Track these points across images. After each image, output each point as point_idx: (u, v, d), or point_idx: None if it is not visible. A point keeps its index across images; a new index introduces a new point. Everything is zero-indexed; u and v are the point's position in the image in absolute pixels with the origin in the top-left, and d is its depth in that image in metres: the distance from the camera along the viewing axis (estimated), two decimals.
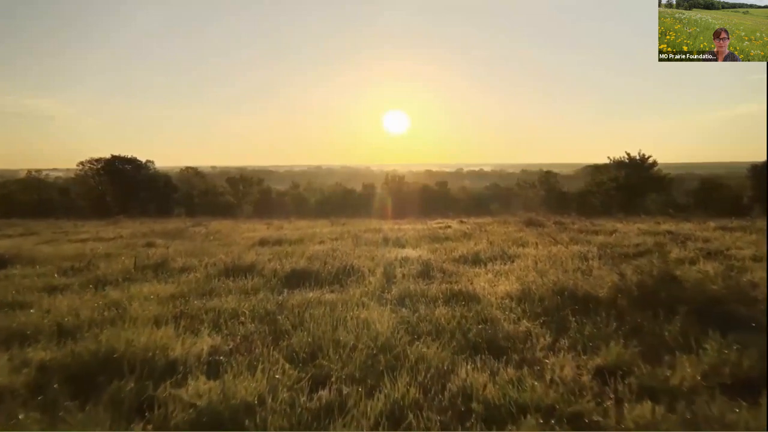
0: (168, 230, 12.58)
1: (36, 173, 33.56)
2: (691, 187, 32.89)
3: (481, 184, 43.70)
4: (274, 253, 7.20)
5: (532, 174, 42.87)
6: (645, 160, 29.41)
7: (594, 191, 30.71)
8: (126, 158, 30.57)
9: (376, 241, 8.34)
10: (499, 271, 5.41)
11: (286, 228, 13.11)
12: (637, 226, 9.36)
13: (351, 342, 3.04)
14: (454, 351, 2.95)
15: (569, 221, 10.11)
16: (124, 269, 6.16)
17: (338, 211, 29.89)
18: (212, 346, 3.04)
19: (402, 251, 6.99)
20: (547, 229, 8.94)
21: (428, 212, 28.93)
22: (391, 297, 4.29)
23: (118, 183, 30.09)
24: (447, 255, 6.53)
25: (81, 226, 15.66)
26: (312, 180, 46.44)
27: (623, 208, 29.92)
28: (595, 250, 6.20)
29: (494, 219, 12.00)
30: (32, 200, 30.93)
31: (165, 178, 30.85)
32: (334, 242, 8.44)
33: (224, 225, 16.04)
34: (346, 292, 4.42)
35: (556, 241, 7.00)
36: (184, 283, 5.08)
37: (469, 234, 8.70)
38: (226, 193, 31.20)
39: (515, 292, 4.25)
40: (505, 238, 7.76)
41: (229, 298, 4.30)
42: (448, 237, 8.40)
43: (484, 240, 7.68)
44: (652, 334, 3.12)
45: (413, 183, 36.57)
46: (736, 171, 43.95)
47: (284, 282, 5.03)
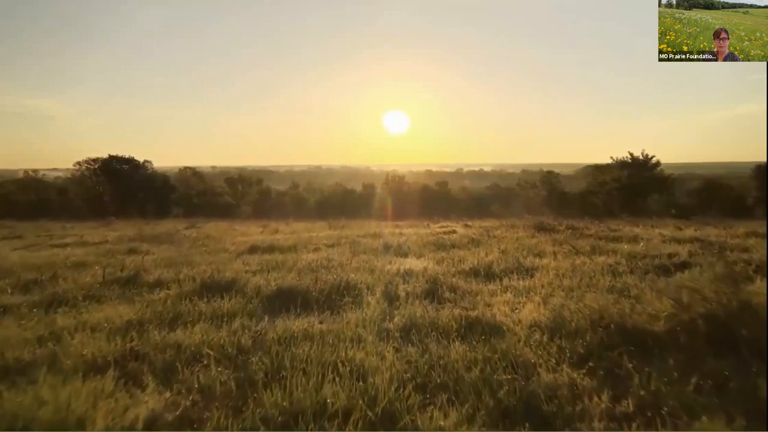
0: (157, 234, 11.75)
1: (33, 173, 32.70)
2: (691, 188, 32.05)
3: (482, 184, 42.76)
4: (263, 263, 6.38)
5: (533, 174, 42.01)
6: (648, 160, 28.52)
7: (596, 191, 29.82)
8: (123, 158, 29.69)
9: (375, 248, 7.50)
10: (518, 288, 4.58)
11: (281, 231, 12.28)
12: (658, 231, 8.52)
13: (341, 405, 2.21)
14: (482, 424, 2.11)
15: (582, 225, 9.27)
16: (90, 284, 5.33)
17: (338, 212, 29.05)
18: (152, 410, 2.20)
19: (405, 262, 6.16)
20: (561, 234, 8.10)
21: (429, 213, 28.08)
22: (393, 327, 3.46)
23: (116, 183, 29.21)
24: (455, 267, 5.69)
25: (70, 229, 14.82)
26: (312, 180, 45.56)
27: (626, 208, 29.15)
28: (625, 263, 5.37)
29: (501, 222, 11.14)
30: (29, 200, 30.10)
31: (163, 179, 29.96)
32: (330, 250, 7.61)
33: (218, 228, 15.21)
34: (340, 320, 3.58)
35: (577, 251, 6.16)
36: (151, 304, 4.24)
37: (476, 240, 7.85)
38: (225, 193, 30.32)
39: (545, 320, 3.41)
40: (517, 246, 6.92)
41: (197, 328, 3.46)
42: (455, 244, 7.56)
43: (494, 248, 6.84)
44: (749, 395, 2.28)
45: (413, 183, 35.67)
46: (737, 171, 43.08)
47: (267, 304, 4.19)
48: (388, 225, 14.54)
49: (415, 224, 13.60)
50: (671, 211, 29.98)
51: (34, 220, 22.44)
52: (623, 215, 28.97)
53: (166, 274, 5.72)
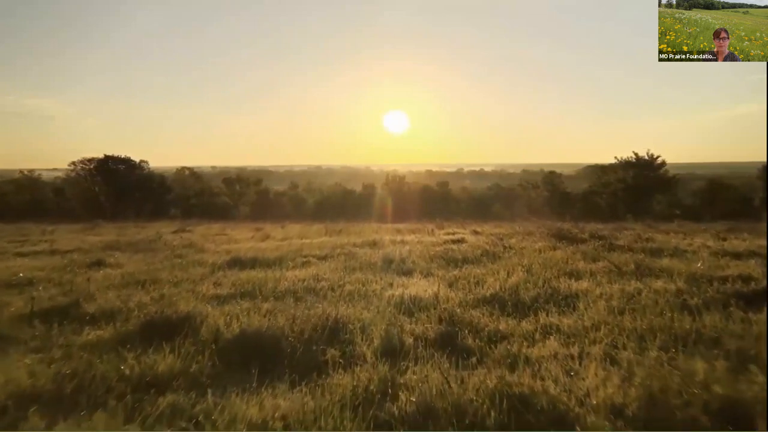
0: (137, 240, 10.50)
1: (29, 173, 31.43)
2: (694, 188, 30.79)
3: (482, 185, 41.42)
4: (238, 284, 5.13)
5: (534, 174, 40.74)
6: (654, 160, 27.22)
7: (600, 192, 28.54)
8: (119, 158, 28.38)
9: (374, 262, 6.25)
10: (564, 330, 3.33)
11: (273, 237, 11.03)
12: (699, 241, 7.26)
13: None
14: None
15: (608, 233, 8.01)
16: (10, 317, 4.09)
17: (337, 212, 27.79)
18: None
19: (409, 283, 4.91)
20: (588, 245, 6.85)
21: (430, 214, 26.83)
22: (398, 412, 2.21)
23: (112, 184, 27.95)
24: (473, 292, 4.44)
25: (50, 233, 13.54)
26: (312, 180, 44.25)
27: (630, 209, 27.88)
28: (689, 289, 4.11)
29: (514, 228, 9.87)
30: (24, 201, 28.85)
31: (159, 179, 28.67)
32: (322, 264, 6.36)
33: (208, 231, 13.97)
34: (317, 405, 2.31)
35: (620, 270, 4.91)
36: (61, 361, 2.99)
37: (491, 253, 6.60)
38: (222, 194, 29.01)
39: (631, 404, 2.16)
40: (543, 262, 5.67)
41: (98, 417, 2.21)
42: (466, 257, 6.31)
43: (515, 264, 5.59)
44: None
45: (414, 183, 34.35)
46: (738, 171, 41.80)
47: (221, 359, 2.94)
48: (389, 229, 13.29)
49: (418, 228, 12.34)
50: (675, 212, 28.82)
51: (23, 221, 21.26)
52: (628, 216, 27.79)
53: (113, 301, 4.47)
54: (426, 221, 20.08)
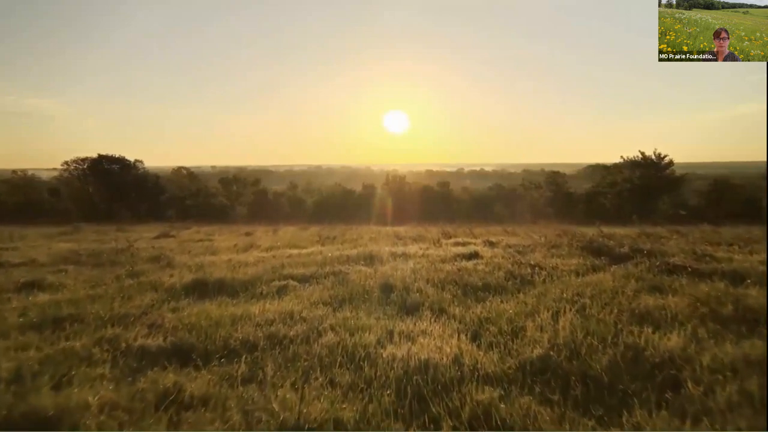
0: (105, 250, 8.97)
1: (22, 173, 29.87)
2: (699, 188, 29.22)
3: (483, 185, 39.77)
4: (181, 327, 3.62)
5: (535, 174, 39.15)
6: (661, 160, 25.61)
7: (605, 192, 26.96)
8: (113, 158, 26.82)
9: (369, 289, 4.72)
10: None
11: (258, 246, 9.49)
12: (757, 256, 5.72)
13: None
14: None
15: (651, 245, 6.46)
16: None
17: (337, 212, 26.29)
18: None
19: (416, 330, 3.39)
20: (633, 263, 5.32)
21: (431, 215, 25.30)
22: None
23: (105, 184, 26.42)
24: (512, 353, 2.92)
25: (19, 239, 12.03)
26: (312, 180, 42.66)
27: (636, 210, 26.30)
28: None
29: (534, 237, 8.33)
30: (17, 202, 27.34)
31: (154, 179, 27.11)
32: (303, 289, 4.85)
33: (193, 236, 12.45)
34: None
35: (715, 313, 3.38)
36: None
37: (515, 274, 5.08)
38: (219, 194, 27.45)
39: None
40: (591, 292, 4.13)
41: None
42: (487, 282, 4.77)
43: (557, 296, 4.07)
44: None
45: (414, 183, 32.75)
46: (739, 171, 40.22)
47: None
48: (389, 234, 11.76)
49: (421, 235, 10.80)
50: (681, 213, 27.26)
51: (13, 223, 19.86)
52: (633, 217, 26.25)
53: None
54: (428, 224, 18.55)
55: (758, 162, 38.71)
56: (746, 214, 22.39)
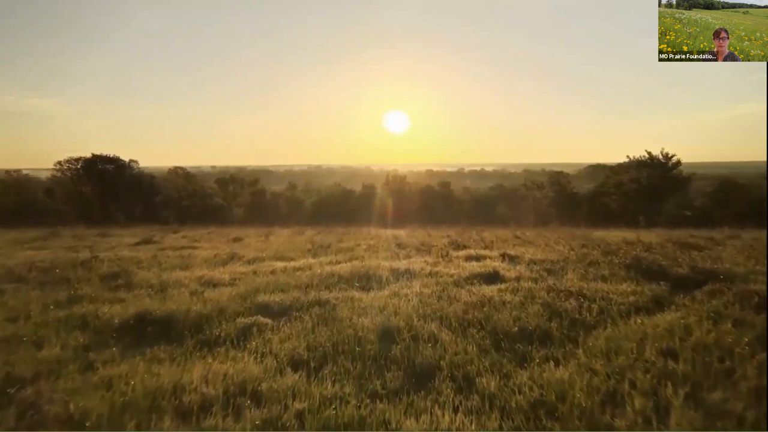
0: (64, 262, 7.65)
1: (15, 173, 28.48)
2: (696, 188, 27.83)
3: (483, 185, 38.38)
4: (60, 413, 2.30)
5: (536, 174, 37.75)
6: (669, 159, 24.19)
7: (610, 192, 25.54)
8: (107, 157, 25.44)
9: (361, 340, 3.38)
10: None
11: (242, 256, 8.15)
12: None
13: None
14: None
15: (708, 261, 5.12)
16: None
17: (337, 212, 24.92)
18: None
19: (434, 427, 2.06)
20: (714, 296, 3.97)
21: (432, 216, 23.93)
22: None
23: (99, 184, 25.04)
24: None
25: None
26: (311, 180, 41.24)
27: (642, 210, 24.94)
28: None
29: (559, 251, 6.98)
30: (10, 202, 25.96)
31: (148, 180, 25.71)
32: (274, 334, 3.52)
33: (175, 243, 11.11)
34: None
35: None
36: None
37: (555, 307, 3.76)
38: (216, 195, 26.06)
39: None
40: (684, 354, 2.79)
41: None
42: (523, 323, 3.44)
43: (637, 357, 2.72)
44: None
45: (415, 183, 31.36)
46: (738, 171, 38.79)
47: None
48: (389, 240, 10.42)
49: (425, 243, 9.45)
50: (686, 213, 25.90)
51: (4, 225, 18.58)
52: (639, 219, 24.89)
53: None
54: (430, 226, 17.19)
55: (758, 162, 37.36)
56: (752, 214, 20.96)
